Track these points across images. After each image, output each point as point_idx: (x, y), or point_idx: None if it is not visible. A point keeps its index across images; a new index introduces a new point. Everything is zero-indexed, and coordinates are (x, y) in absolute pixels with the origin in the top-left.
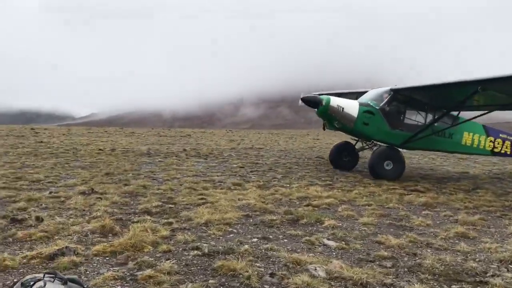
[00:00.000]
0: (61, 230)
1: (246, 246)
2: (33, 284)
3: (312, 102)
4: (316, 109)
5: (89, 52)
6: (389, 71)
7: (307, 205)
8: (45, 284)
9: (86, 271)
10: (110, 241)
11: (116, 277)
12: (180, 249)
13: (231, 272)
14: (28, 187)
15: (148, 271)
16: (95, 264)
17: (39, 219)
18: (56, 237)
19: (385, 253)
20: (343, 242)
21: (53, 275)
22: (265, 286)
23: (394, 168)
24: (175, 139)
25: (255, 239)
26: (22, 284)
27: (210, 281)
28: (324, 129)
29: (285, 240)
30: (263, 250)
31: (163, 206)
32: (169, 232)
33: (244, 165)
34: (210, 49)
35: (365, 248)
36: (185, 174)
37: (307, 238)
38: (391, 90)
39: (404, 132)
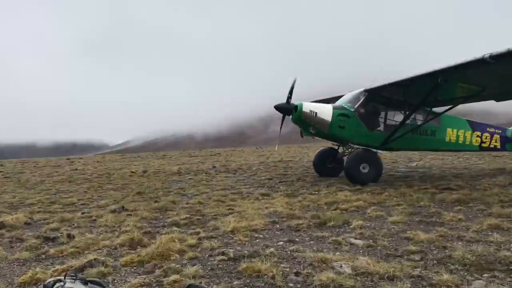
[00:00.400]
0: (91, 245)
1: (272, 249)
2: (54, 284)
3: (284, 109)
4: (290, 116)
5: (120, 81)
6: None
7: (335, 209)
8: (64, 284)
9: (114, 280)
10: (138, 252)
11: (143, 283)
12: (206, 255)
13: (255, 273)
14: (62, 209)
15: (174, 277)
16: (123, 274)
17: (70, 237)
18: (86, 252)
19: (414, 248)
20: (370, 240)
21: (74, 276)
22: (290, 284)
23: (370, 171)
24: (205, 158)
25: (281, 243)
26: (44, 286)
27: (235, 282)
28: (302, 136)
29: (311, 242)
30: (289, 252)
31: (191, 218)
32: (195, 240)
33: (273, 177)
34: (237, 67)
35: (393, 244)
36: (214, 188)
37: (334, 238)
38: (365, 90)
39: (383, 133)
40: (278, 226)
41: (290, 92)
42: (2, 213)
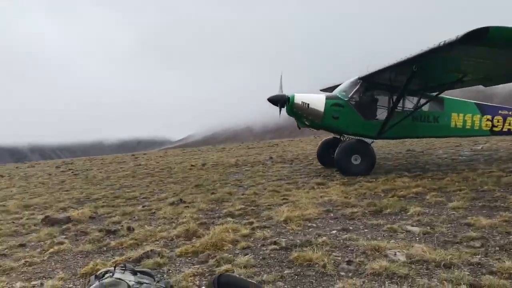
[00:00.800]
0: (149, 237)
1: (324, 238)
2: (104, 274)
3: (277, 101)
4: (284, 108)
5: (179, 78)
6: None
7: (392, 196)
8: (113, 274)
9: (169, 270)
10: (193, 243)
11: (196, 273)
12: (259, 245)
13: (307, 262)
14: (124, 203)
15: (226, 266)
16: (178, 264)
17: (130, 229)
18: (145, 243)
19: (474, 234)
20: (428, 227)
21: (123, 267)
22: (341, 273)
23: (362, 162)
24: (262, 150)
25: (334, 231)
26: (95, 276)
27: (286, 271)
28: (299, 128)
29: (366, 230)
30: (342, 240)
31: (246, 208)
32: (249, 230)
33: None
34: (290, 57)
35: (452, 231)
36: (270, 179)
37: (389, 226)
38: (359, 78)
39: (380, 121)
40: (332, 214)
41: (280, 86)
42: (70, 208)
